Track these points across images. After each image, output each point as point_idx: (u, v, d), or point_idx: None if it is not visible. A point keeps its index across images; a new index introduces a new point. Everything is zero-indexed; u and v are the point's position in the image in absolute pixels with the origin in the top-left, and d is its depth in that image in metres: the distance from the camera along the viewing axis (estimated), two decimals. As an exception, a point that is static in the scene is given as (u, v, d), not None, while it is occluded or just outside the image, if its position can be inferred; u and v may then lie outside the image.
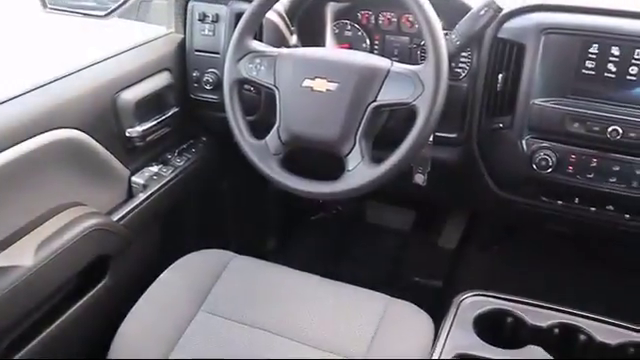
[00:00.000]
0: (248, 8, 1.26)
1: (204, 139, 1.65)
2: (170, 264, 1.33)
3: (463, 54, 1.34)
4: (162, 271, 1.31)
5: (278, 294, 1.28)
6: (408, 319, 1.22)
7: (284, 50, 1.25)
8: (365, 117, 1.15)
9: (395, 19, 1.41)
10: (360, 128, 1.15)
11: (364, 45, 1.45)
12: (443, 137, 1.34)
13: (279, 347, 1.16)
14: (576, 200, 1.31)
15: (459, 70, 1.36)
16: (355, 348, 1.15)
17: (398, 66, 1.15)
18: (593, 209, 1.30)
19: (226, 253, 1.37)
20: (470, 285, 1.16)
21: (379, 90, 1.14)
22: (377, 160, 1.16)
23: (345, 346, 1.16)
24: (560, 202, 1.32)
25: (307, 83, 1.18)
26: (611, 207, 1.29)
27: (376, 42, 1.45)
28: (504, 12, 1.26)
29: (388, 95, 1.14)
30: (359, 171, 1.15)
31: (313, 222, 2.18)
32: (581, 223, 1.35)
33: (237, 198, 1.88)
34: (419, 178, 1.35)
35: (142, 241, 1.47)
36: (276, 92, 1.22)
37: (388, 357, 1.14)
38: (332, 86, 1.16)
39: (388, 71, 1.15)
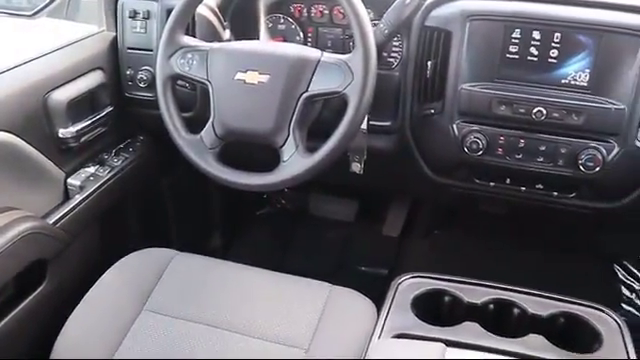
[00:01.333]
0: (178, 3, 1.25)
1: (141, 138, 1.64)
2: (112, 265, 1.32)
3: (395, 44, 1.37)
4: (104, 272, 1.30)
5: (222, 289, 1.28)
6: (351, 305, 1.24)
7: (215, 44, 1.25)
8: (298, 107, 1.16)
9: (327, 11, 1.43)
10: (293, 119, 1.16)
11: (298, 38, 1.46)
12: (377, 125, 1.37)
13: (225, 341, 1.16)
14: (507, 181, 1.35)
15: (391, 60, 1.38)
16: (300, 336, 1.16)
17: (328, 56, 1.17)
18: (524, 188, 1.35)
19: (168, 251, 1.36)
20: (414, 270, 1.18)
21: (310, 80, 1.16)
22: (313, 150, 1.17)
23: (290, 335, 1.17)
24: (492, 183, 1.36)
25: (239, 76, 1.19)
26: (540, 186, 1.34)
27: (309, 34, 1.46)
28: (430, 0, 1.29)
29: (319, 85, 1.15)
30: (294, 161, 1.16)
31: (258, 217, 2.19)
32: (514, 203, 1.40)
33: (178, 196, 1.86)
34: (356, 167, 1.38)
35: (82, 243, 1.45)
36: (209, 86, 1.22)
37: (332, 343, 1.15)
38: (264, 78, 1.17)
39: (318, 61, 1.16)
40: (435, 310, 1.11)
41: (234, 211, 2.12)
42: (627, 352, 1.02)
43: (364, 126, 1.31)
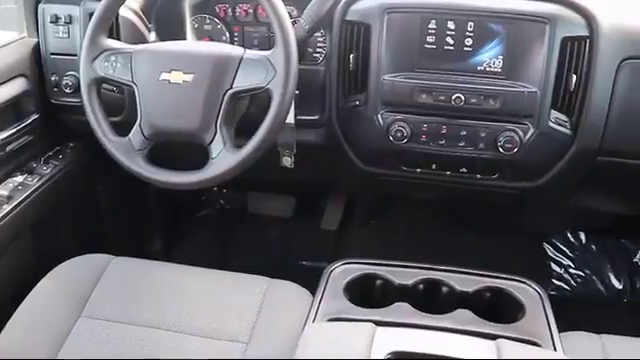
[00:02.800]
0: (98, 6, 1.25)
1: (71, 144, 1.62)
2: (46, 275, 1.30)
3: (320, 39, 1.40)
4: (38, 282, 1.28)
5: (160, 290, 1.28)
6: (288, 296, 1.26)
7: (139, 46, 1.25)
8: (223, 104, 1.17)
9: (252, 10, 1.45)
10: (219, 116, 1.18)
11: (224, 38, 1.48)
12: (306, 120, 1.40)
13: (166, 342, 1.16)
14: (433, 166, 1.40)
15: (317, 55, 1.42)
16: (240, 331, 1.17)
17: (251, 53, 1.19)
18: (449, 173, 1.40)
19: (104, 257, 1.35)
20: None
21: (234, 77, 1.17)
22: (242, 146, 1.19)
23: (230, 330, 1.18)
24: (419, 170, 1.41)
25: (164, 76, 1.19)
26: (464, 169, 1.39)
27: (236, 34, 1.48)
28: (350, -5, 1.33)
29: (243, 81, 1.17)
30: (222, 158, 1.17)
31: (198, 219, 2.19)
32: (441, 188, 1.46)
33: (114, 200, 1.85)
34: (286, 161, 1.40)
35: (15, 253, 1.42)
36: (135, 88, 1.22)
37: (271, 334, 1.17)
38: (188, 77, 1.18)
39: (241, 58, 1.18)
40: (368, 294, 1.15)
41: (173, 214, 2.11)
42: (547, 318, 1.07)
43: (292, 120, 1.35)
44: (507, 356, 0.90)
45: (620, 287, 1.99)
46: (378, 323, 0.98)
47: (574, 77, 1.28)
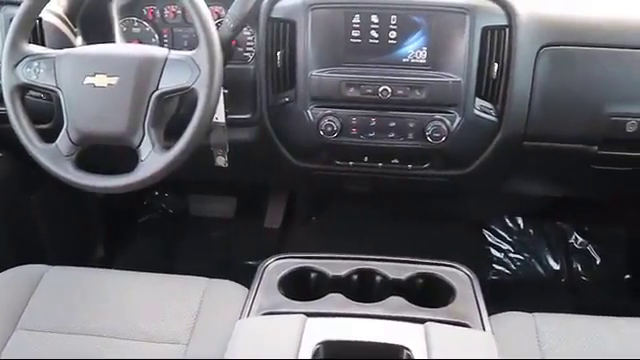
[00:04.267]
0: (18, 11, 1.23)
1: (1, 154, 1.58)
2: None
3: (249, 38, 1.41)
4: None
5: (100, 297, 1.26)
6: (227, 295, 1.25)
7: (62, 51, 1.23)
8: (150, 106, 1.17)
9: (179, 11, 1.44)
10: (147, 118, 1.17)
11: (153, 40, 1.47)
12: (238, 119, 1.40)
13: (106, 348, 1.15)
14: (365, 159, 1.42)
15: (247, 54, 1.42)
16: (180, 332, 1.17)
17: (175, 53, 1.19)
18: (381, 164, 1.42)
19: (39, 267, 1.32)
20: None
21: (159, 78, 1.17)
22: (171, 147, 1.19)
23: (170, 333, 1.17)
24: (351, 163, 1.43)
25: (88, 80, 1.18)
26: (396, 160, 1.42)
27: (165, 36, 1.47)
28: (274, -8, 1.34)
29: (169, 82, 1.17)
30: (151, 160, 1.17)
31: (141, 224, 2.17)
32: (375, 179, 1.48)
33: (51, 209, 1.81)
34: (220, 160, 1.40)
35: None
36: (60, 93, 1.21)
37: (210, 333, 1.17)
38: (113, 80, 1.17)
39: (166, 59, 1.18)
40: (303, 287, 1.16)
41: (115, 221, 2.08)
42: (477, 300, 1.10)
43: (223, 120, 1.35)
44: (435, 338, 0.92)
45: (558, 268, 2.05)
46: (309, 315, 0.99)
47: (496, 65, 1.32)
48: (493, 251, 2.07)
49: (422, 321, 0.98)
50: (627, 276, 2.04)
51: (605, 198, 1.82)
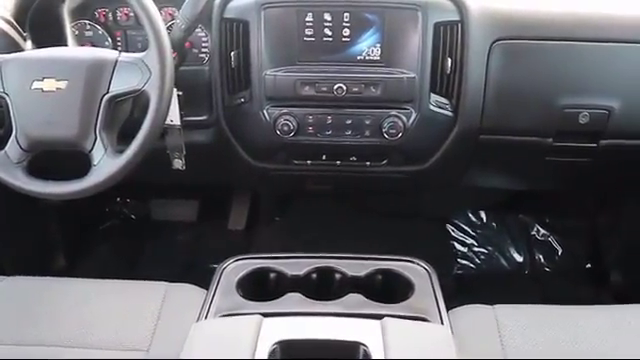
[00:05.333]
0: None
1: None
2: None
3: (204, 39, 1.40)
4: None
5: (58, 306, 1.23)
6: (187, 299, 1.24)
7: (8, 55, 1.21)
8: (101, 110, 1.15)
9: (132, 13, 1.42)
10: (98, 121, 1.15)
11: (107, 43, 1.44)
12: (194, 121, 1.39)
13: (66, 358, 1.13)
14: (323, 157, 1.42)
15: (202, 55, 1.41)
16: (140, 338, 1.15)
17: (125, 55, 1.17)
18: (339, 162, 1.42)
19: None
20: None
21: (110, 81, 1.15)
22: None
23: (130, 339, 1.15)
24: (310, 162, 1.43)
25: (36, 85, 1.16)
26: (354, 158, 1.42)
27: (118, 38, 1.45)
28: (226, -7, 1.33)
29: (119, 85, 1.15)
30: (104, 164, 1.15)
31: (103, 231, 2.14)
32: (334, 178, 1.48)
33: (8, 218, 1.78)
34: (177, 163, 1.39)
35: None
36: (7, 99, 1.18)
37: (171, 338, 1.15)
38: (62, 84, 1.15)
39: (116, 61, 1.16)
40: (263, 288, 1.15)
41: (76, 228, 2.05)
42: (435, 295, 1.11)
43: (178, 122, 1.34)
44: (392, 333, 0.92)
45: (521, 260, 2.08)
46: (266, 315, 0.98)
47: (449, 61, 1.33)
48: (457, 245, 2.09)
49: (380, 317, 0.98)
50: (588, 265, 2.08)
51: (563, 190, 1.84)
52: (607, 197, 2.02)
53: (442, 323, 1.05)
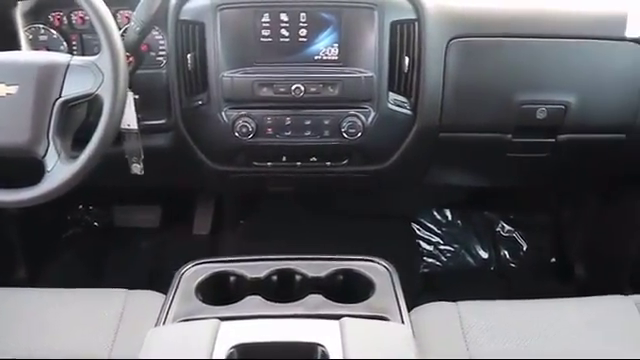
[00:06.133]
0: None
1: None
2: None
3: (161, 42, 1.38)
4: None
5: (16, 317, 1.20)
6: (147, 305, 1.22)
7: None
8: (54, 115, 1.13)
9: (88, 17, 1.40)
10: (51, 127, 1.13)
11: (62, 47, 1.42)
12: (152, 125, 1.37)
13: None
14: (283, 158, 1.41)
15: (160, 58, 1.39)
16: (100, 346, 1.13)
17: (77, 59, 1.15)
18: (299, 163, 1.42)
19: None
20: None
21: (62, 85, 1.13)
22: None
23: (90, 348, 1.13)
24: (270, 163, 1.42)
25: None
26: (314, 158, 1.41)
27: (74, 43, 1.42)
28: (182, -5, 1.32)
29: (72, 89, 1.13)
30: (58, 170, 1.13)
31: (65, 239, 2.10)
32: (295, 179, 1.47)
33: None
34: (135, 168, 1.37)
35: None
36: None
37: (131, 344, 1.13)
38: (12, 89, 1.13)
39: (68, 65, 1.14)
40: (223, 292, 1.14)
41: (37, 238, 2.01)
42: (395, 293, 1.10)
43: (135, 126, 1.32)
44: (350, 333, 0.91)
45: (486, 256, 2.10)
46: (225, 319, 0.97)
47: (407, 59, 1.33)
48: (423, 244, 2.10)
49: (339, 317, 0.98)
50: (552, 260, 2.10)
51: (525, 185, 1.86)
52: (569, 191, 2.04)
53: (402, 322, 1.04)
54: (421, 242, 2.10)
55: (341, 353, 0.87)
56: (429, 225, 2.12)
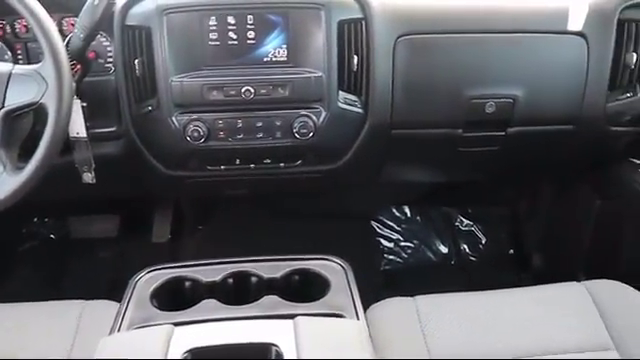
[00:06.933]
0: None
1: None
2: None
3: (109, 49, 1.36)
4: None
5: None
6: (103, 314, 1.20)
7: None
8: None
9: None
10: None
11: (6, 57, 1.39)
12: (103, 132, 1.36)
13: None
14: (237, 161, 1.41)
15: (109, 65, 1.37)
16: (56, 358, 1.12)
17: (20, 67, 1.13)
18: (253, 166, 1.42)
19: None
20: None
21: (4, 95, 1.11)
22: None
23: (45, 360, 1.12)
24: (223, 167, 1.41)
25: None
26: (268, 160, 1.41)
27: (19, 52, 1.40)
28: (126, 0, 1.30)
29: (15, 98, 1.11)
30: (3, 181, 1.10)
31: (22, 253, 2.06)
32: (250, 181, 1.47)
33: None
34: (87, 177, 1.35)
35: None
36: None
37: (88, 355, 1.12)
38: None
39: (10, 74, 1.12)
40: (179, 297, 1.13)
41: None
42: (351, 290, 1.11)
43: (84, 134, 1.30)
44: (303, 331, 0.91)
45: (446, 251, 2.12)
46: (179, 324, 0.96)
47: (356, 58, 1.35)
48: (383, 242, 2.11)
49: (294, 317, 0.98)
50: (511, 251, 2.14)
51: (479, 179, 1.89)
52: (525, 184, 2.08)
53: (358, 318, 1.05)
54: (381, 240, 2.11)
55: (295, 352, 0.87)
56: (389, 223, 2.13)
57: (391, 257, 2.09)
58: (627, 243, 1.61)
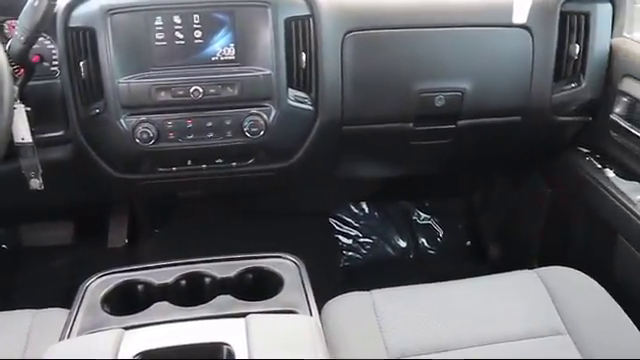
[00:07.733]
0: None
1: None
2: None
3: (53, 51, 1.34)
4: None
5: None
6: (54, 322, 1.18)
7: None
8: None
9: None
10: None
11: None
12: (50, 137, 1.34)
13: None
14: (189, 162, 1.40)
15: (55, 68, 1.35)
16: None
17: None
18: (205, 166, 1.41)
19: None
20: None
21: None
22: None
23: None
24: (175, 168, 1.40)
25: None
26: (220, 160, 1.41)
27: None
28: (68, 1, 1.28)
29: None
30: None
31: (-28, 264, 2.01)
32: (204, 182, 1.46)
33: None
34: (35, 183, 1.32)
35: None
36: None
37: None
38: None
39: None
40: (132, 301, 1.11)
41: None
42: (304, 287, 1.11)
43: (29, 140, 1.27)
44: (255, 329, 0.91)
45: (405, 245, 2.14)
46: (130, 327, 0.95)
47: (304, 55, 1.35)
48: (342, 238, 2.12)
49: (246, 315, 0.97)
50: (468, 243, 2.17)
51: (434, 172, 1.91)
52: (478, 175, 2.11)
53: (311, 314, 1.05)
54: (340, 237, 2.12)
55: (246, 350, 0.87)
56: (347, 219, 2.14)
57: (350, 253, 2.09)
58: (577, 230, 1.65)
